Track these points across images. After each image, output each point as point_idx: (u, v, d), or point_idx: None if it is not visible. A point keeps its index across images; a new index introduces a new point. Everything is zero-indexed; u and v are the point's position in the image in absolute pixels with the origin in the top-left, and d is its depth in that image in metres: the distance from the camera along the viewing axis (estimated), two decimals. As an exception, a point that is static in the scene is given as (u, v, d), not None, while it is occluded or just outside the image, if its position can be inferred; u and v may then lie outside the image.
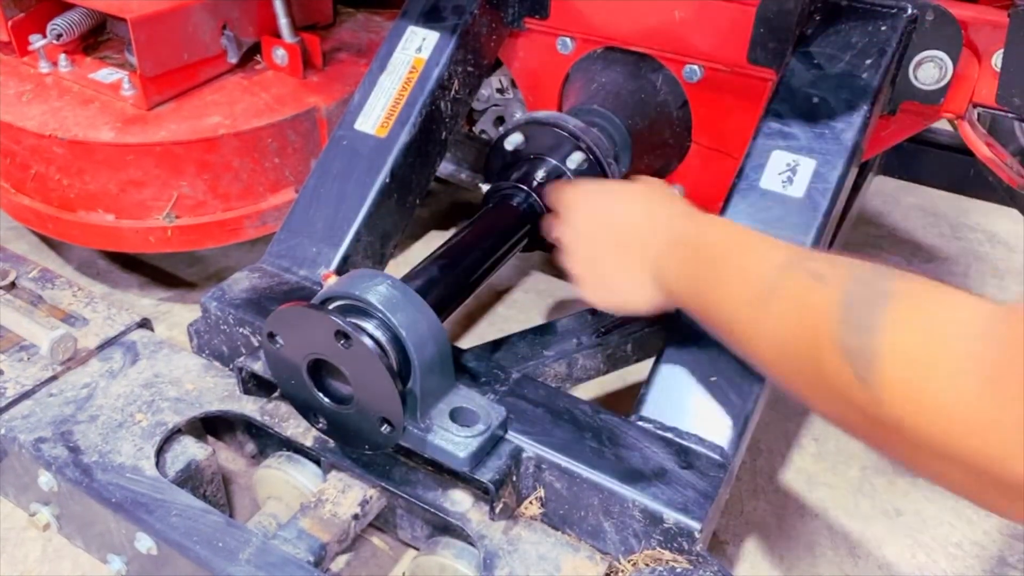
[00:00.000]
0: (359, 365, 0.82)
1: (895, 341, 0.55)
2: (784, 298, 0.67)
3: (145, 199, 1.45)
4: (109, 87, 1.51)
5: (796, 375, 0.66)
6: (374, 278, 0.86)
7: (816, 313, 0.62)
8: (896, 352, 0.54)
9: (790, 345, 0.65)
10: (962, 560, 1.19)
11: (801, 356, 0.64)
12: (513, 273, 1.75)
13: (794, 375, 0.67)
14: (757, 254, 0.74)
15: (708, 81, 1.23)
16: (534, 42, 1.35)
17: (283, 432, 1.02)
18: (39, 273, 1.22)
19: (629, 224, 0.87)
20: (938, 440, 0.51)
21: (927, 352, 0.53)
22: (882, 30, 1.08)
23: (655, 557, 0.87)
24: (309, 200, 1.21)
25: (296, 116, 1.50)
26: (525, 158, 1.16)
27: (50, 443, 0.98)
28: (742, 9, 1.13)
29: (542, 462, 0.91)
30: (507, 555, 0.89)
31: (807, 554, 1.20)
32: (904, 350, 0.54)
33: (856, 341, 0.57)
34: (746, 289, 0.71)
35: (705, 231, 0.82)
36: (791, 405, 1.45)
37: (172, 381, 1.08)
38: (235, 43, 1.58)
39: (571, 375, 1.20)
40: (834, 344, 0.59)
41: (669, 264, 0.83)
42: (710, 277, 0.77)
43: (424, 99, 1.23)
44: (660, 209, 0.88)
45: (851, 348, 0.57)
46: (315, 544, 0.92)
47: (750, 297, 0.70)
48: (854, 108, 1.04)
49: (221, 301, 1.09)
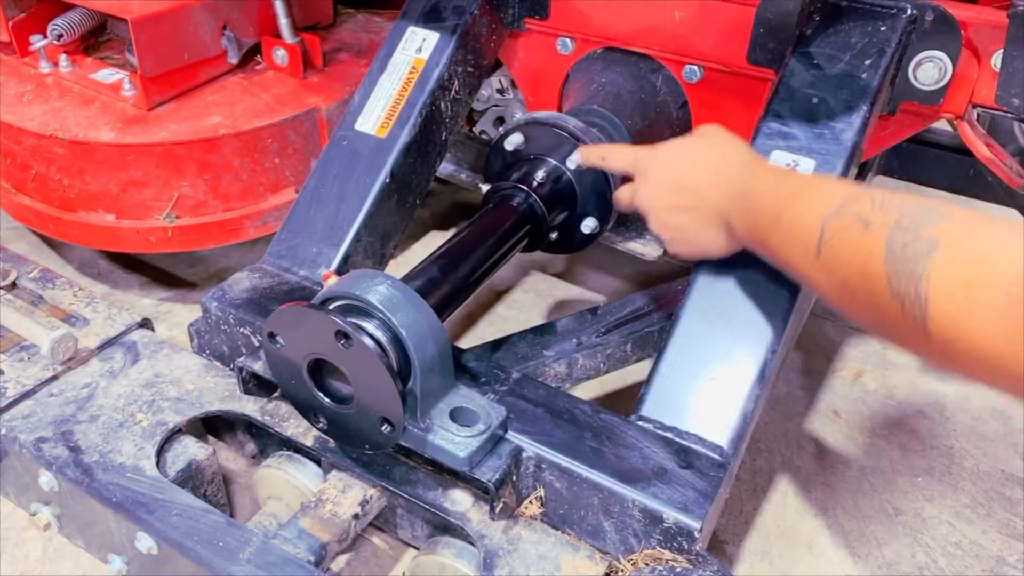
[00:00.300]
0: (359, 365, 0.82)
1: (939, 287, 0.61)
2: (835, 246, 0.73)
3: (146, 199, 1.45)
4: (110, 87, 1.52)
5: (856, 310, 0.73)
6: (374, 278, 0.86)
7: (865, 259, 0.68)
8: (941, 296, 0.61)
9: (846, 287, 0.72)
10: (961, 560, 1.20)
11: (857, 295, 0.70)
12: (513, 273, 1.75)
13: (854, 310, 0.74)
14: (808, 203, 0.79)
15: (708, 81, 1.23)
16: (534, 42, 1.35)
17: (283, 432, 1.02)
18: (40, 273, 1.23)
19: (695, 182, 0.95)
20: (984, 362, 0.59)
21: (969, 295, 0.59)
22: (882, 30, 1.08)
23: (655, 557, 0.87)
24: (309, 200, 1.21)
25: (296, 116, 1.51)
26: (525, 158, 1.17)
27: (51, 443, 0.98)
28: (742, 9, 1.14)
29: (542, 462, 0.91)
30: (507, 554, 0.89)
31: (807, 554, 1.20)
32: (948, 294, 0.61)
33: (904, 287, 0.64)
34: (801, 238, 0.77)
35: (761, 182, 0.88)
36: (791, 405, 1.45)
37: (173, 381, 1.08)
38: (235, 43, 1.58)
39: (571, 375, 1.20)
40: (886, 286, 0.65)
41: (733, 216, 0.90)
42: (769, 227, 0.83)
43: (424, 99, 1.23)
44: (722, 163, 0.94)
45: (900, 292, 0.64)
46: (315, 544, 0.92)
47: (805, 246, 0.76)
48: (854, 108, 1.04)
49: (222, 301, 1.09)
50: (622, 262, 1.76)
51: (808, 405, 1.46)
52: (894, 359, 1.56)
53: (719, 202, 0.92)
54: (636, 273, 1.77)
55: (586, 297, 1.71)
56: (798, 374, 1.52)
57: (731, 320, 0.98)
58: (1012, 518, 1.26)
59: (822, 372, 1.53)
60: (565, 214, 1.18)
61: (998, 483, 1.32)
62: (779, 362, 1.00)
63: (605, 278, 1.76)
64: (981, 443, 1.39)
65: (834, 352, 1.58)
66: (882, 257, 0.66)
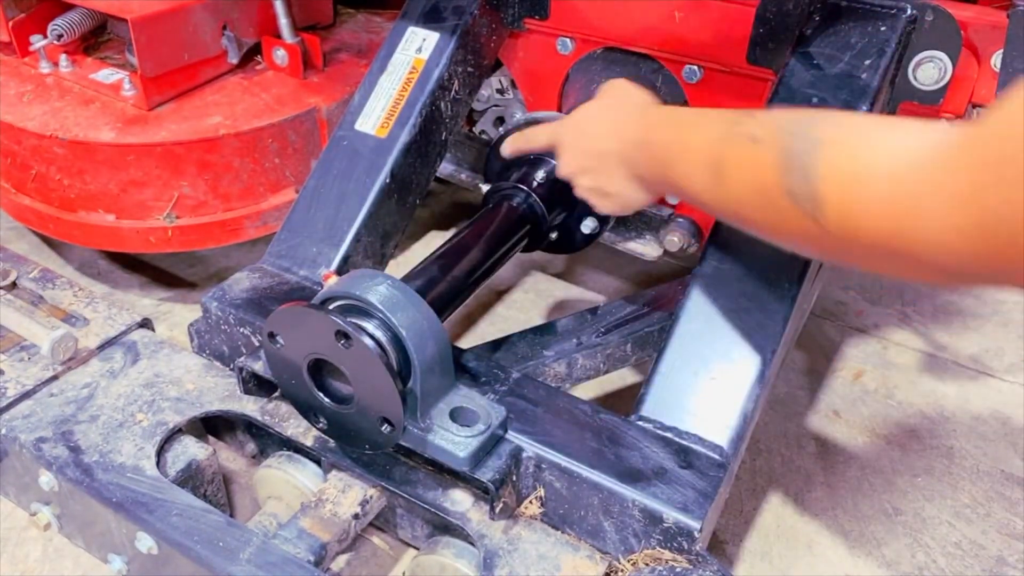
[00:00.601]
0: (359, 365, 0.82)
1: (830, 180, 0.65)
2: (730, 166, 0.76)
3: (146, 199, 1.45)
4: (110, 87, 1.52)
5: (760, 225, 0.77)
6: (374, 278, 0.86)
7: (761, 171, 0.72)
8: (833, 189, 0.65)
9: (747, 203, 0.76)
10: (961, 560, 1.20)
11: (758, 210, 0.74)
12: (513, 273, 1.75)
13: (758, 225, 0.77)
14: (698, 135, 0.83)
15: (708, 81, 1.23)
16: (534, 42, 1.35)
17: (283, 432, 1.02)
18: (40, 273, 1.23)
19: (601, 142, 0.99)
20: (877, 247, 0.63)
21: (858, 185, 0.63)
22: (881, 30, 1.08)
23: (655, 556, 0.87)
24: (309, 200, 1.21)
25: (296, 116, 1.51)
26: (525, 159, 1.17)
27: (51, 443, 0.98)
28: (742, 9, 1.14)
29: (542, 462, 0.91)
30: (507, 554, 0.89)
31: (807, 554, 1.20)
32: (840, 185, 0.65)
33: (801, 187, 0.67)
34: (698, 169, 0.81)
35: (653, 127, 0.92)
36: (791, 405, 1.45)
37: (173, 381, 1.08)
38: (235, 43, 1.58)
39: (571, 375, 1.20)
40: (783, 193, 0.69)
41: (639, 165, 0.93)
42: (670, 167, 0.87)
43: (424, 99, 1.23)
44: (622, 116, 0.97)
45: (797, 194, 0.67)
46: (315, 544, 0.92)
47: (703, 174, 0.80)
48: (853, 108, 1.04)
49: (222, 301, 1.09)
50: (622, 262, 1.76)
51: (808, 405, 1.46)
52: (894, 359, 1.56)
53: (623, 155, 0.95)
54: (636, 273, 1.77)
55: (586, 297, 1.71)
56: (798, 374, 1.53)
57: (731, 320, 0.98)
58: (1012, 518, 1.26)
59: (822, 372, 1.53)
60: (565, 214, 1.18)
61: (998, 483, 1.32)
62: (779, 362, 1.01)
63: (605, 278, 1.76)
64: (981, 443, 1.39)
65: (834, 352, 1.58)
66: (775, 164, 0.69)
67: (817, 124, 0.69)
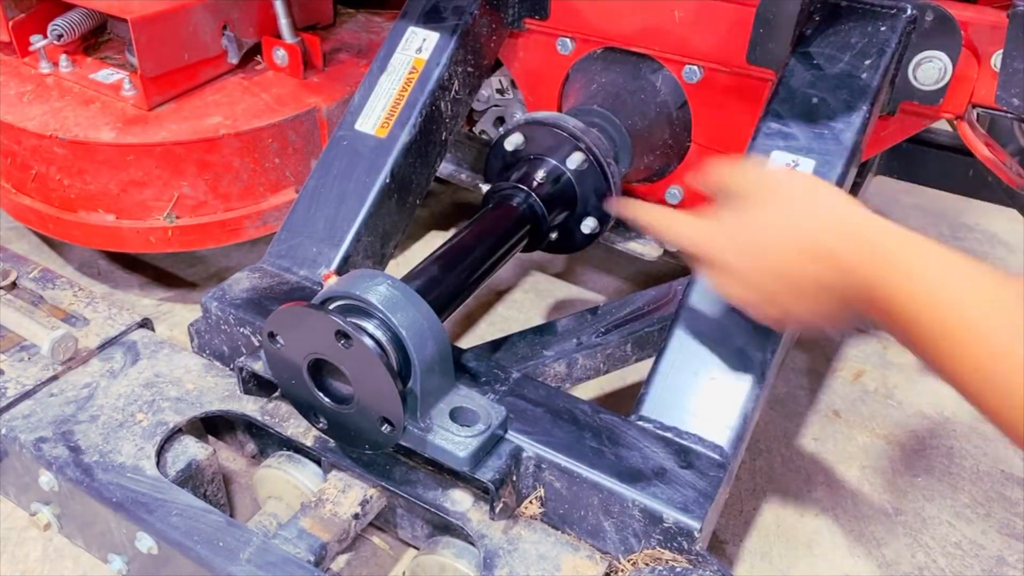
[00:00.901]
0: (359, 365, 0.82)
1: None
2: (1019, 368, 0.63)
3: (146, 199, 1.45)
4: (110, 87, 1.52)
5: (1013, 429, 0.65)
6: (374, 278, 0.86)
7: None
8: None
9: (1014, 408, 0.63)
10: (961, 560, 1.20)
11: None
12: (513, 273, 1.75)
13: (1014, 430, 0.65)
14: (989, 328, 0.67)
15: (708, 81, 1.23)
16: (534, 42, 1.35)
17: (283, 432, 1.02)
18: (40, 273, 1.23)
19: (795, 267, 0.79)
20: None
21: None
22: (881, 30, 1.08)
23: (655, 556, 0.87)
24: (309, 200, 1.21)
25: (296, 116, 1.51)
26: (525, 159, 1.17)
27: (51, 443, 0.98)
28: (742, 9, 1.14)
29: (542, 462, 0.91)
30: (507, 554, 0.89)
31: (807, 554, 1.20)
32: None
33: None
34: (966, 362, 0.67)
35: (886, 271, 0.73)
36: (791, 405, 1.45)
37: (173, 381, 1.08)
38: (235, 43, 1.58)
39: (571, 375, 1.20)
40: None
41: (853, 301, 0.77)
42: (911, 326, 0.71)
43: (424, 99, 1.23)
44: (819, 238, 0.78)
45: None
46: (315, 544, 0.92)
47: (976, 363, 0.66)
48: (853, 108, 1.04)
49: (222, 301, 1.09)
50: (622, 262, 1.76)
51: (808, 405, 1.46)
52: (894, 359, 1.56)
53: (830, 286, 0.77)
54: (636, 273, 1.77)
55: (586, 297, 1.71)
56: (798, 374, 1.53)
57: (731, 320, 0.98)
58: (1012, 518, 1.26)
59: (822, 372, 1.53)
60: (565, 214, 1.18)
61: (998, 483, 1.32)
62: (779, 362, 1.01)
63: (605, 278, 1.76)
64: (981, 443, 1.39)
65: (834, 352, 1.58)
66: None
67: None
